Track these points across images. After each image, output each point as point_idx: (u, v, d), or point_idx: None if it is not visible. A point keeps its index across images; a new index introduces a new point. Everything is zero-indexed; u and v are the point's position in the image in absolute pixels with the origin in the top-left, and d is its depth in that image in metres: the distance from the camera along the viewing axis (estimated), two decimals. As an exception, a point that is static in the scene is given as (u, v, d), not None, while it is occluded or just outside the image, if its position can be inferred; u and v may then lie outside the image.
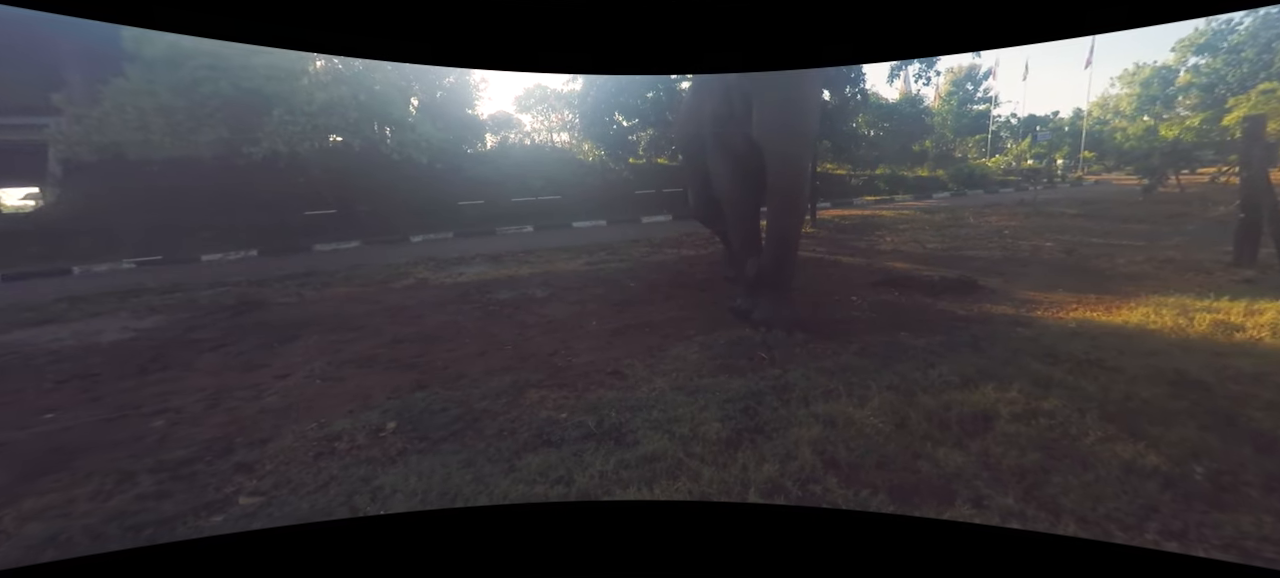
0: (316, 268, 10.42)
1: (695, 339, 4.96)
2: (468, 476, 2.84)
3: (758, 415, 3.30)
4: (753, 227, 5.57)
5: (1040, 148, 24.40)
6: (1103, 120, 27.05)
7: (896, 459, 2.76)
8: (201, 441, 3.51)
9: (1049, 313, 5.17)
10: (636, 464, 2.83)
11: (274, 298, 8.02)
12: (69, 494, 2.93)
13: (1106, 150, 23.22)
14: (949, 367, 3.84)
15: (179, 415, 3.97)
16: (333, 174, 13.94)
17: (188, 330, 6.37)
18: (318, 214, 13.86)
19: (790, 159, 4.38)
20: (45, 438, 3.69)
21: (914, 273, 7.30)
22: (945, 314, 5.40)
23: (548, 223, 15.68)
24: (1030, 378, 3.51)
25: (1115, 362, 3.72)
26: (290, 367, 4.94)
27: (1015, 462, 2.67)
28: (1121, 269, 6.91)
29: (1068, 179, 23.64)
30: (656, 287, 7.63)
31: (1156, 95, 26.21)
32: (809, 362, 4.19)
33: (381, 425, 3.55)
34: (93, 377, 4.91)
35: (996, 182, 22.62)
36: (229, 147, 11.66)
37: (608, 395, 3.82)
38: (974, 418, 3.10)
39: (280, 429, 3.61)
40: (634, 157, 18.26)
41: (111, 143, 10.88)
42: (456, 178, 15.91)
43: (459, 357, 5.00)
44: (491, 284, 8.40)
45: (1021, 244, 9.35)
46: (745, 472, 2.68)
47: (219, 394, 4.34)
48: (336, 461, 3.13)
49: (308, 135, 12.97)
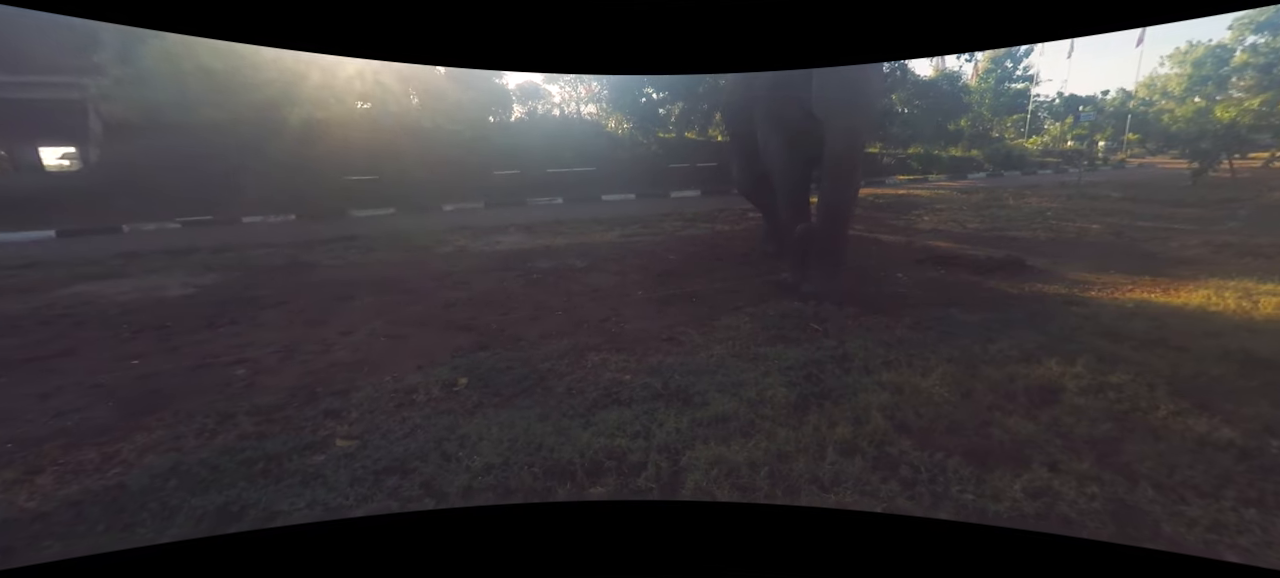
0: (357, 233, 10.68)
1: (744, 310, 5.03)
2: (547, 427, 2.98)
3: (821, 382, 3.38)
4: (803, 200, 5.57)
5: (1082, 129, 23.52)
6: (1148, 101, 25.95)
7: (966, 426, 2.83)
8: (285, 388, 3.71)
9: (1104, 293, 5.12)
10: (709, 422, 2.94)
11: (323, 260, 8.27)
12: (176, 431, 3.14)
13: (1152, 132, 22.35)
14: (1008, 342, 3.86)
15: (257, 366, 4.19)
16: (366, 141, 14.12)
17: (246, 288, 6.62)
18: (356, 180, 14.08)
19: (852, 132, 4.36)
20: (138, 381, 3.94)
21: (958, 252, 7.23)
22: (996, 292, 5.38)
23: (577, 195, 15.74)
24: (1094, 354, 3.52)
25: (1180, 341, 3.71)
26: (351, 325, 5.13)
27: (1087, 432, 2.72)
28: (1175, 253, 6.76)
29: (1109, 162, 22.87)
30: (695, 259, 7.68)
31: (1209, 76, 25.01)
32: (864, 334, 4.24)
33: (453, 381, 3.71)
34: (165, 328, 5.17)
35: (1034, 163, 21.97)
36: (267, 110, 11.85)
37: (667, 360, 3.93)
38: (1040, 390, 3.14)
39: (356, 381, 3.80)
40: (663, 131, 18.10)
41: (151, 103, 11.15)
42: (486, 147, 15.99)
43: (513, 321, 5.15)
44: (530, 254, 8.54)
45: (1066, 226, 9.16)
46: (819, 433, 2.77)
47: (290, 348, 4.55)
48: (417, 411, 3.30)
49: (342, 100, 13.11)
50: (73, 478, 2.71)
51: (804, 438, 2.73)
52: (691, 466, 2.55)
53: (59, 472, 2.75)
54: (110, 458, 2.89)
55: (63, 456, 2.90)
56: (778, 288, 5.72)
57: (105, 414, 3.40)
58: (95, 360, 4.34)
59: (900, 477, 2.41)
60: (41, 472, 2.75)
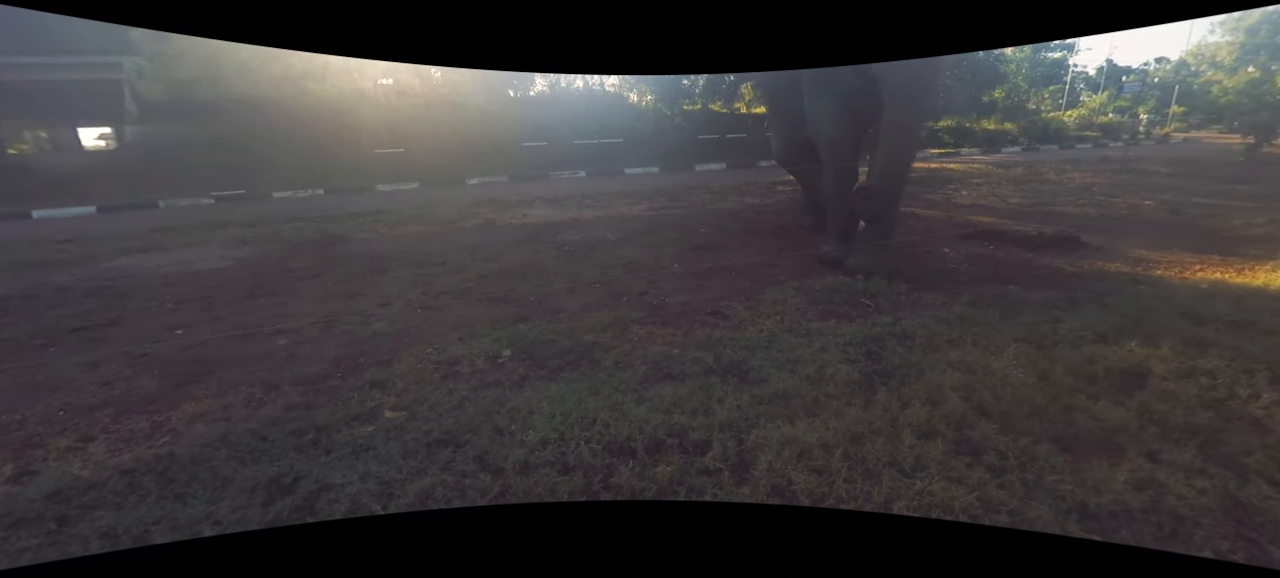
0: (384, 207, 10.67)
1: (788, 284, 4.85)
2: (599, 402, 2.87)
3: (883, 360, 3.22)
4: (852, 170, 5.32)
5: (1123, 100, 22.32)
6: (1195, 71, 24.58)
7: (1048, 410, 2.65)
8: (328, 359, 3.67)
9: (1172, 273, 4.83)
10: (771, 400, 2.81)
11: (353, 233, 8.25)
12: (223, 401, 3.11)
13: (1199, 105, 21.17)
14: (1078, 322, 3.64)
15: (299, 336, 4.15)
16: (390, 115, 14.02)
17: (281, 261, 6.62)
18: (382, 154, 14.03)
19: (918, 97, 4.10)
20: (183, 350, 3.93)
21: (1004, 227, 6.92)
22: (1052, 270, 5.11)
23: (600, 169, 15.52)
24: (1178, 337, 3.30)
25: (1270, 324, 3.46)
26: (388, 296, 5.08)
27: (1182, 420, 2.53)
28: (1240, 231, 6.38)
29: (1152, 136, 21.81)
30: (729, 233, 7.49)
31: (1263, 44, 23.52)
32: (920, 311, 4.05)
33: (496, 353, 3.63)
34: (206, 299, 5.18)
35: (1072, 137, 21.04)
36: (295, 86, 11.77)
37: (716, 334, 3.79)
38: (1124, 374, 2.94)
39: (397, 352, 3.73)
40: (688, 103, 17.66)
41: (183, 81, 11.13)
42: (510, 121, 15.79)
43: (550, 293, 5.05)
44: (559, 226, 8.41)
45: (1116, 202, 8.73)
46: (891, 413, 2.62)
47: (329, 319, 4.51)
48: (463, 383, 3.22)
49: (366, 74, 12.98)
50: (124, 446, 2.69)
51: (875, 418, 2.58)
52: (760, 445, 2.43)
53: (110, 440, 2.74)
54: (160, 427, 2.87)
55: (113, 423, 2.89)
56: (819, 262, 5.52)
57: (151, 383, 3.39)
58: (140, 330, 4.35)
59: (986, 463, 2.26)
60: (93, 439, 2.73)
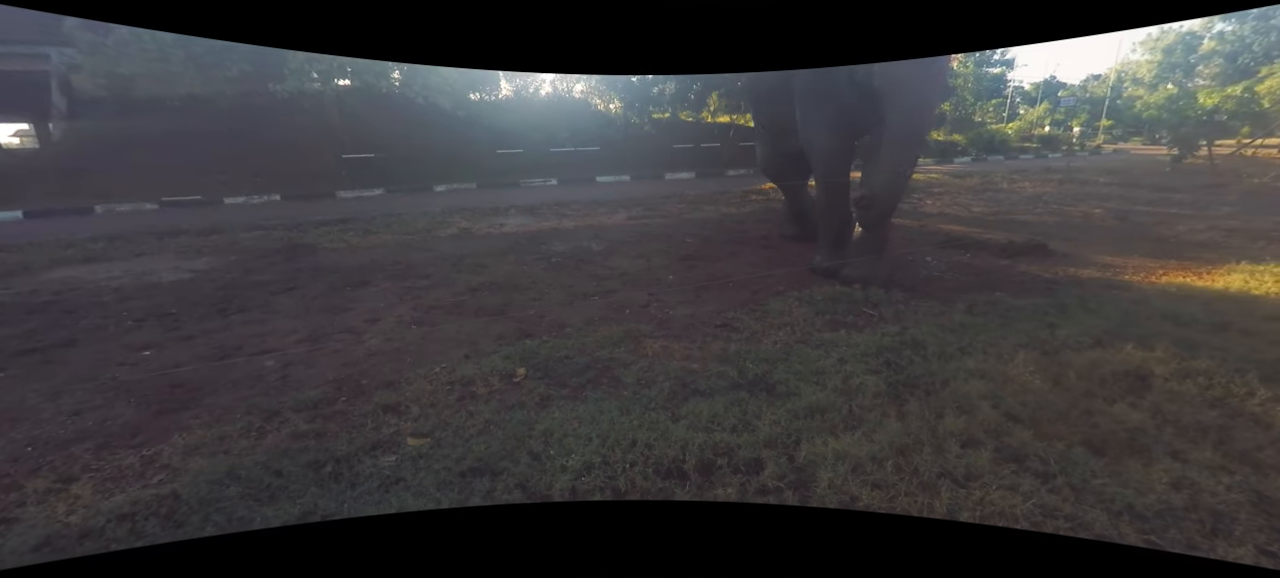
0: (351, 215, 10.19)
1: (789, 295, 4.90)
2: (632, 421, 2.79)
3: (904, 370, 3.27)
4: (844, 180, 5.45)
5: (1059, 114, 24.11)
6: (1121, 88, 26.78)
7: (1071, 414, 2.76)
8: (327, 381, 3.42)
9: (1140, 278, 5.17)
10: (807, 414, 2.80)
11: (322, 242, 7.82)
12: (219, 431, 2.84)
13: (1124, 119, 23.06)
14: (1073, 327, 3.83)
15: (287, 357, 3.87)
16: (352, 118, 13.42)
17: (247, 272, 6.19)
18: (347, 160, 13.39)
19: (919, 109, 4.22)
20: (157, 374, 3.58)
21: (976, 236, 7.26)
22: (1031, 276, 5.38)
23: (571, 177, 15.36)
24: (1168, 339, 3.51)
25: (1244, 325, 3.74)
26: (376, 312, 4.82)
27: (1193, 418, 2.68)
28: (1187, 237, 6.92)
29: (1086, 147, 23.57)
30: (715, 243, 7.52)
31: (1178, 63, 25.95)
32: (924, 319, 4.16)
33: (510, 371, 3.48)
34: (170, 315, 4.77)
35: (1016, 148, 22.45)
36: (251, 84, 11.07)
37: (731, 348, 3.77)
38: (1128, 376, 3.10)
39: (402, 373, 3.53)
40: (657, 111, 17.75)
41: (125, 76, 10.27)
42: (478, 127, 15.41)
43: (549, 306, 4.91)
44: (540, 236, 8.25)
45: (1069, 210, 9.33)
46: (928, 424, 2.66)
47: (316, 337, 4.23)
48: (482, 404, 3.07)
49: (333, 74, 12.40)
50: (114, 486, 2.41)
51: (915, 430, 2.61)
52: (813, 461, 2.41)
53: (96, 479, 2.44)
54: (151, 462, 2.59)
55: (96, 461, 2.58)
56: (812, 271, 5.61)
57: (129, 412, 3.06)
58: (102, 352, 3.94)
59: (1033, 471, 2.32)
60: (76, 479, 2.43)
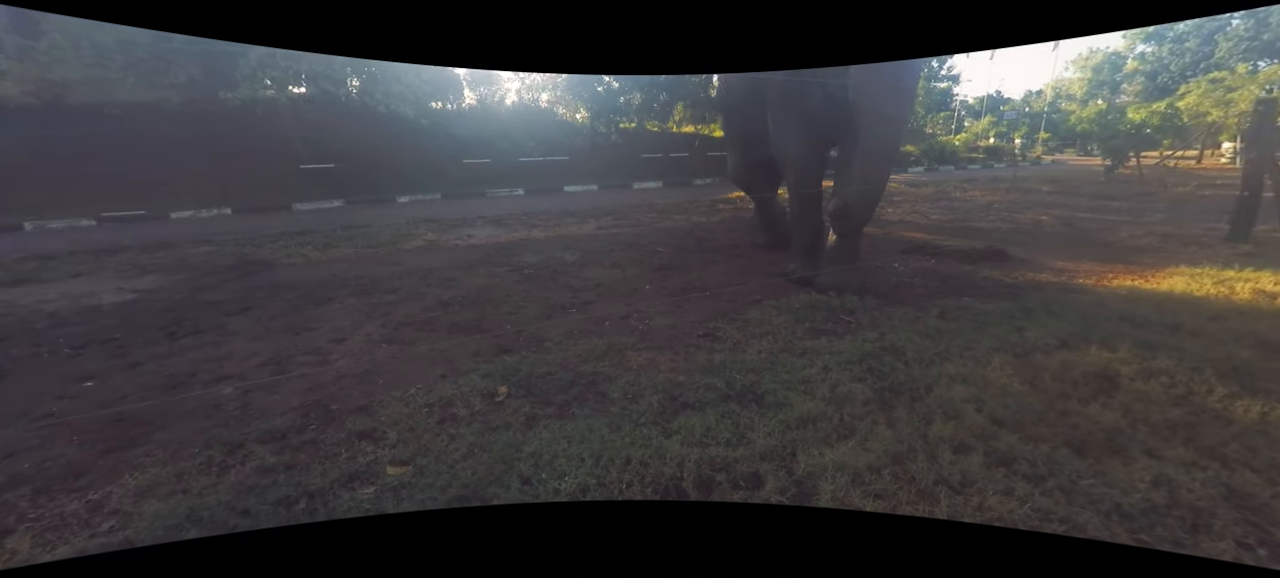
0: (309, 227, 9.74)
1: (766, 303, 4.93)
2: (623, 438, 2.71)
3: (887, 377, 3.32)
4: (817, 190, 5.54)
5: (1002, 127, 25.63)
6: (1055, 103, 28.64)
7: (1049, 416, 2.85)
8: (293, 408, 3.20)
9: (1092, 281, 5.46)
10: (800, 425, 2.79)
11: (279, 258, 7.42)
12: (175, 468, 2.61)
13: (1060, 131, 24.64)
14: (1040, 330, 3.99)
15: (247, 382, 3.61)
16: (309, 127, 12.87)
17: (196, 292, 5.79)
18: (308, 169, 12.81)
19: (895, 120, 4.34)
20: (101, 407, 3.27)
21: (937, 243, 7.53)
22: (994, 281, 5.61)
23: (537, 186, 15.18)
24: (1127, 340, 3.70)
25: (1193, 326, 3.98)
26: (342, 330, 4.58)
27: (1162, 417, 2.81)
28: (1128, 242, 7.38)
29: (1027, 157, 25.05)
30: (688, 252, 7.54)
31: (1106, 80, 27.98)
32: (899, 325, 4.25)
33: (492, 390, 3.35)
34: (113, 341, 4.39)
35: (964, 158, 23.60)
36: (200, 91, 10.46)
37: (716, 358, 3.75)
38: (1097, 377, 3.24)
39: (375, 395, 3.35)
40: (625, 120, 17.79)
41: (59, 82, 9.51)
42: (442, 136, 15.06)
43: (525, 320, 4.79)
44: (510, 247, 8.08)
45: (1020, 217, 9.82)
46: (919, 430, 2.69)
47: (279, 360, 3.97)
48: (464, 427, 2.93)
49: (288, 81, 11.87)
50: (57, 537, 2.16)
51: (907, 437, 2.64)
52: (812, 474, 2.39)
53: (35, 531, 2.19)
54: (98, 508, 2.34)
55: (33, 509, 2.32)
56: (786, 279, 5.68)
57: (71, 452, 2.77)
58: (36, 383, 3.58)
59: (1023, 474, 2.37)
60: (11, 533, 2.17)
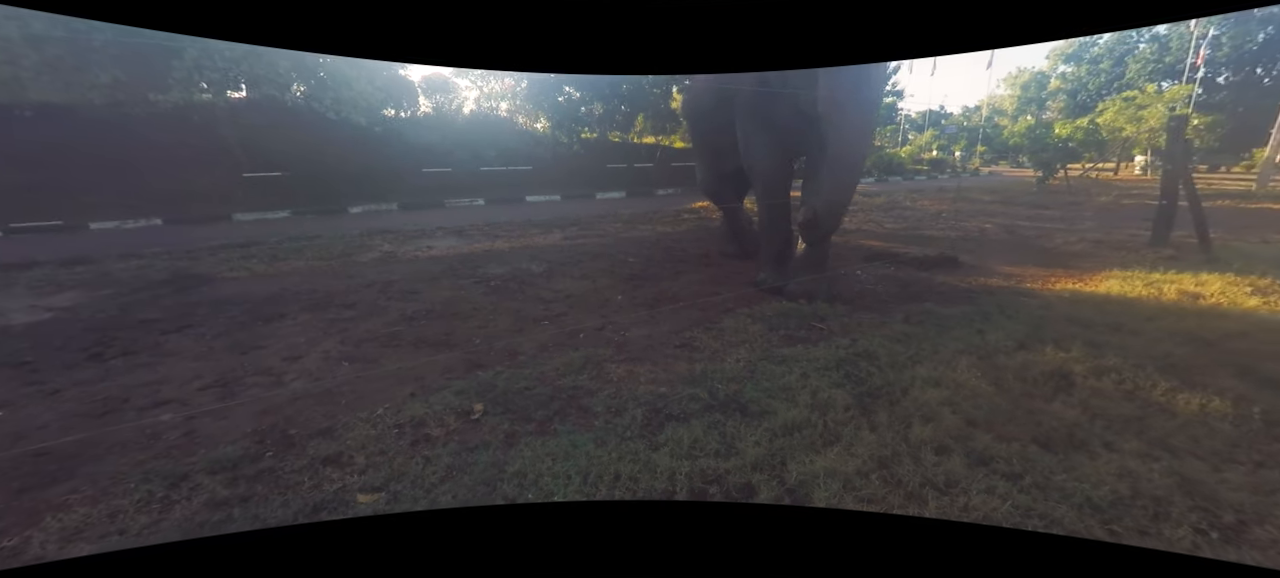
0: (252, 239, 9.14)
1: (739, 312, 4.97)
2: (610, 454, 2.64)
3: (864, 382, 3.39)
4: (786, 199, 5.65)
5: (943, 140, 27.25)
6: (991, 118, 30.67)
7: (1017, 415, 2.97)
8: (246, 434, 2.96)
9: (1038, 285, 5.80)
10: (786, 433, 2.80)
11: (219, 272, 6.91)
12: (108, 506, 2.34)
13: (995, 145, 26.32)
14: (999, 333, 4.18)
15: (190, 407, 3.31)
16: (252, 133, 12.15)
17: (126, 310, 5.30)
18: (251, 178, 12.05)
19: (861, 131, 4.48)
20: (15, 440, 2.92)
21: (894, 250, 7.85)
22: (950, 287, 5.86)
23: (499, 196, 14.89)
24: (1078, 340, 3.93)
25: (1133, 326, 4.27)
26: (296, 348, 4.29)
27: (1116, 412, 2.98)
28: (1064, 248, 7.91)
29: (967, 169, 26.64)
30: (657, 262, 7.53)
31: (1033, 98, 30.19)
32: (869, 331, 4.36)
33: (467, 408, 3.20)
34: (28, 367, 3.94)
35: (910, 169, 24.83)
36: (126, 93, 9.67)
37: (696, 368, 3.73)
38: (1055, 376, 3.41)
39: (338, 417, 3.14)
40: (587, 131, 17.74)
41: None
42: (397, 144, 14.54)
43: (496, 333, 4.63)
44: (475, 259, 7.85)
45: (967, 225, 10.37)
46: (900, 434, 2.75)
47: (225, 382, 3.67)
48: (440, 448, 2.78)
49: (226, 84, 11.18)
50: (-35, 595, 1.88)
51: (890, 441, 2.69)
52: (804, 482, 2.39)
53: (-63, 589, 1.90)
54: (16, 555, 2.07)
55: (-66, 564, 2.02)
56: (756, 288, 5.76)
57: (-21, 494, 2.44)
58: (-71, 417, 3.15)
59: (1001, 472, 2.45)
60: (-94, 593, 1.87)
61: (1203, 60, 21.64)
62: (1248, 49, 25.83)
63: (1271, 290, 5.04)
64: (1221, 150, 24.68)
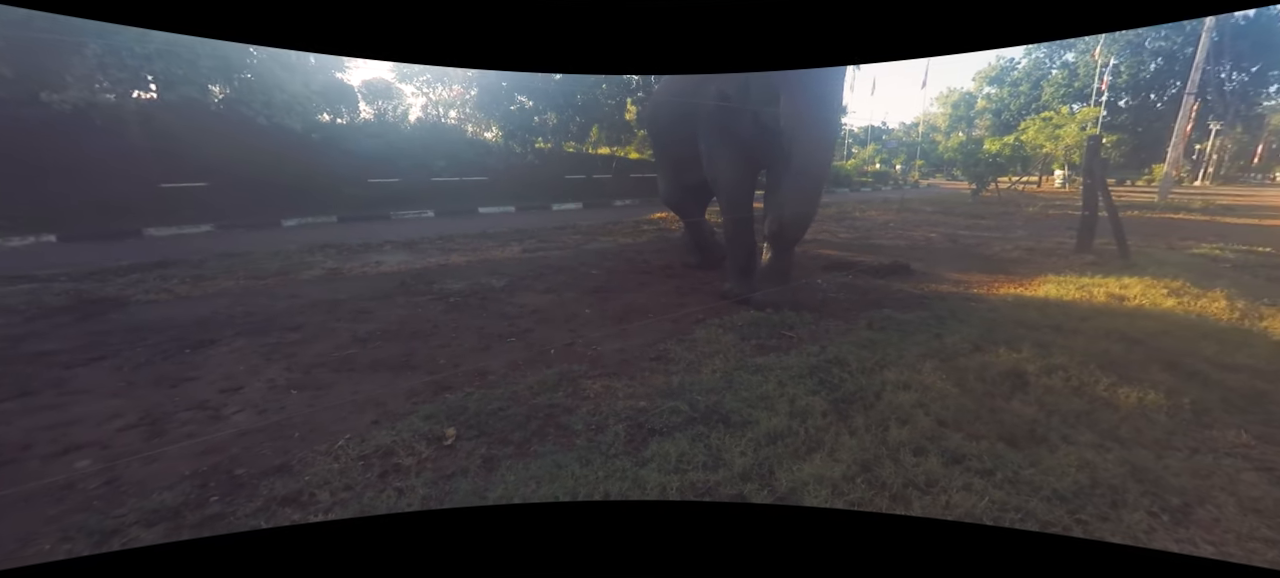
0: (170, 257, 8.37)
1: (710, 323, 4.98)
2: (599, 473, 2.54)
3: (838, 388, 3.45)
4: (750, 210, 5.74)
5: (884, 154, 28.93)
6: (927, 134, 32.82)
7: (981, 414, 3.10)
8: (183, 476, 2.65)
9: (984, 290, 6.16)
10: (769, 442, 2.79)
11: (133, 295, 6.27)
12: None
13: (931, 159, 28.18)
14: (955, 336, 4.38)
15: (112, 450, 2.95)
16: (168, 139, 11.19)
17: (16, 342, 4.69)
18: (169, 188, 11.04)
19: (824, 144, 4.61)
20: (-113, 501, 2.48)
21: (849, 259, 8.14)
22: (906, 293, 6.13)
23: (449, 208, 14.41)
24: (1027, 342, 4.17)
25: (1072, 326, 4.59)
26: (234, 377, 3.93)
27: (1070, 408, 3.17)
28: (1001, 255, 8.47)
29: (907, 181, 28.31)
30: (620, 274, 7.48)
31: (963, 116, 32.54)
32: (836, 337, 4.47)
33: (438, 433, 3.01)
34: (-99, 409, 3.39)
35: (856, 182, 26.07)
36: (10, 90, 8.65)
37: (672, 381, 3.69)
38: (1011, 376, 3.60)
39: (293, 452, 2.87)
40: (541, 140, 17.51)
41: None
42: (337, 152, 13.80)
43: (461, 353, 4.42)
44: (429, 274, 7.52)
45: (913, 234, 10.94)
46: (878, 437, 2.80)
47: (152, 419, 3.30)
48: (415, 478, 2.59)
49: (133, 83, 10.26)
50: None
51: (870, 445, 2.73)
52: (795, 490, 2.38)
53: None
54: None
55: None
56: (723, 298, 5.81)
57: None
58: None
59: (975, 469, 2.53)
60: None
61: (1106, 86, 24.11)
62: (1142, 77, 29.01)
63: (1184, 292, 5.58)
64: (1126, 166, 27.61)
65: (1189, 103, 15.92)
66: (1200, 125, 26.80)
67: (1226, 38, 25.26)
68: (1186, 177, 27.40)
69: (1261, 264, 7.90)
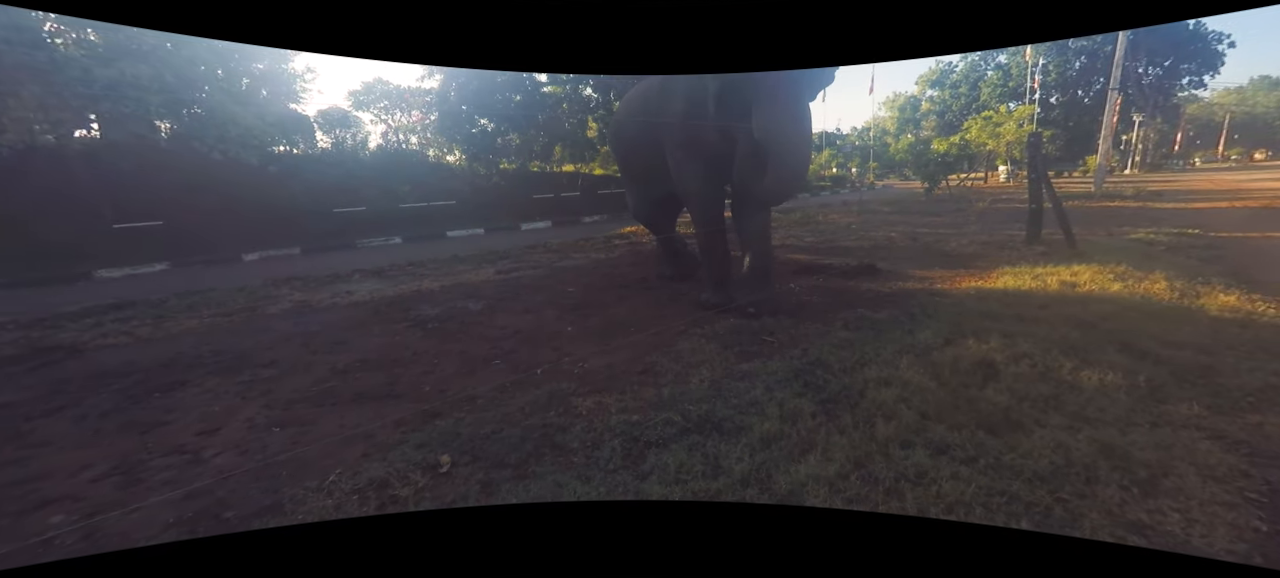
0: (127, 299, 7.99)
1: (692, 333, 5.07)
2: (600, 489, 2.57)
3: (822, 389, 3.57)
4: (721, 221, 5.88)
5: (841, 158, 29.98)
6: (877, 137, 34.15)
7: (959, 405, 3.26)
8: (170, 525, 2.55)
9: (947, 285, 6.46)
10: (764, 446, 2.87)
11: (89, 341, 5.96)
12: (-3, 643, 1.91)
13: (884, 161, 29.31)
14: (926, 332, 4.59)
15: (84, 504, 2.81)
16: (117, 178, 10.69)
17: (-29, 395, 4.40)
18: (123, 228, 10.52)
19: (801, 159, 4.77)
20: None
21: (819, 262, 8.41)
22: (875, 293, 6.37)
23: (417, 233, 14.17)
24: (993, 333, 4.40)
25: (1031, 315, 4.87)
26: (210, 419, 3.80)
27: (1039, 393, 3.37)
28: (958, 250, 8.88)
29: (864, 183, 29.36)
30: (598, 290, 7.51)
31: (909, 118, 33.99)
32: (815, 339, 4.62)
33: (432, 461, 2.98)
34: None
35: (816, 186, 26.86)
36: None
37: (664, 392, 3.74)
38: (982, 366, 3.79)
39: (283, 492, 2.80)
40: (506, 161, 17.44)
41: None
42: (296, 183, 13.42)
43: (445, 377, 4.38)
44: (404, 300, 7.39)
45: (876, 235, 11.35)
46: (866, 434, 2.92)
47: (127, 468, 3.16)
48: (414, 508, 2.56)
49: (74, 123, 9.81)
50: None
51: (859, 441, 2.85)
52: (795, 491, 2.45)
53: None
54: None
55: None
56: (701, 307, 5.91)
57: None
58: None
59: (960, 459, 2.67)
60: None
61: (1038, 84, 25.71)
62: (1069, 74, 31.06)
63: (1128, 276, 5.99)
64: (1062, 159, 29.42)
65: (1113, 97, 17.12)
66: (1124, 118, 28.89)
67: (1140, 34, 27.27)
68: (1116, 166, 29.35)
69: (1192, 245, 8.55)
